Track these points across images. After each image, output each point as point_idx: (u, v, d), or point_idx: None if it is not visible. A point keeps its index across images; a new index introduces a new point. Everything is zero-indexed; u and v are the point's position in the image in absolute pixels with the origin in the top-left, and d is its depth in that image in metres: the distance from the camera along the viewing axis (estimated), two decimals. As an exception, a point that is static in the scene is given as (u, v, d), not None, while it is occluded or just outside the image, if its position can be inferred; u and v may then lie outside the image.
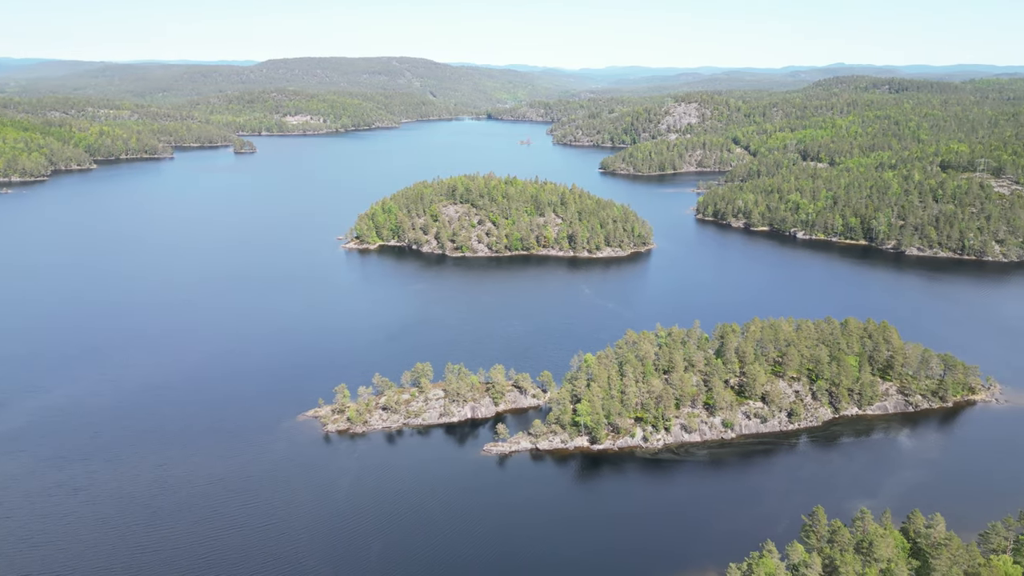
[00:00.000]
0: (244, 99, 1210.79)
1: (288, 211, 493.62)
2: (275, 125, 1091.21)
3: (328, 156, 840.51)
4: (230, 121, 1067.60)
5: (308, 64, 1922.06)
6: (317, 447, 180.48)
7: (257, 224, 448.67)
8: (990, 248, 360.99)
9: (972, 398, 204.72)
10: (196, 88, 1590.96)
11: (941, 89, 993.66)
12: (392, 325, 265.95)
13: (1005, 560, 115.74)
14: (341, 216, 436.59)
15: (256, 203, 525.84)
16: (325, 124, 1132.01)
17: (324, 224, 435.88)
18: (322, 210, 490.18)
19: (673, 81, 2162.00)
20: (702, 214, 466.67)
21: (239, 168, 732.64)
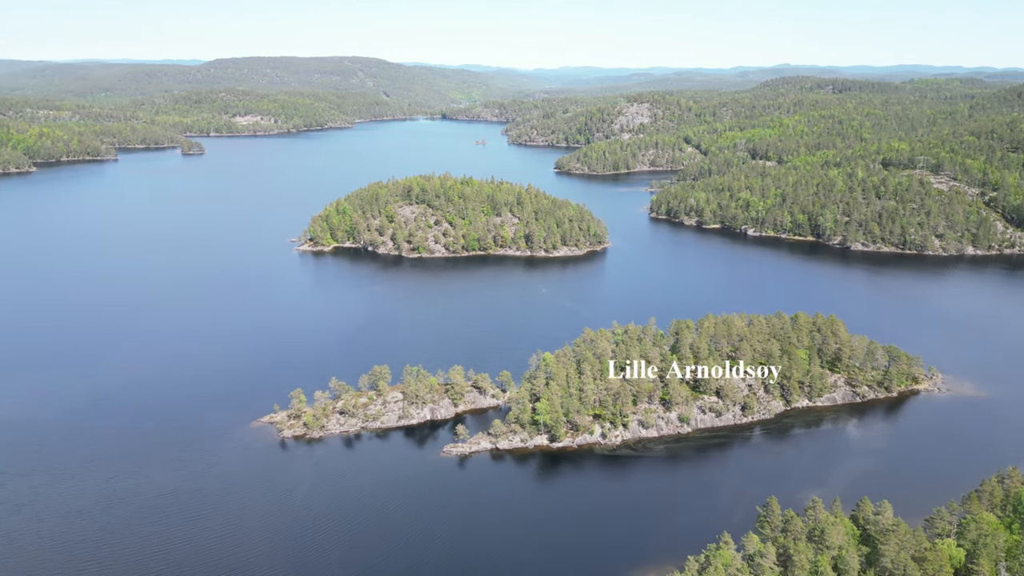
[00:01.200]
0: (191, 99, 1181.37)
1: (239, 213, 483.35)
2: (224, 126, 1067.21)
3: (280, 157, 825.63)
4: (177, 122, 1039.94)
5: (258, 64, 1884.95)
6: (273, 454, 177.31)
7: (207, 226, 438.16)
8: (930, 242, 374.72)
9: (916, 388, 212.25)
10: (140, 88, 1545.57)
11: (882, 89, 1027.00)
12: (349, 328, 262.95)
13: (949, 544, 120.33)
14: (294, 218, 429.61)
15: (206, 205, 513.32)
16: (276, 124, 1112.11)
17: (277, 226, 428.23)
18: (275, 212, 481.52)
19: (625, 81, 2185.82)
20: (656, 213, 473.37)
21: (187, 170, 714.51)
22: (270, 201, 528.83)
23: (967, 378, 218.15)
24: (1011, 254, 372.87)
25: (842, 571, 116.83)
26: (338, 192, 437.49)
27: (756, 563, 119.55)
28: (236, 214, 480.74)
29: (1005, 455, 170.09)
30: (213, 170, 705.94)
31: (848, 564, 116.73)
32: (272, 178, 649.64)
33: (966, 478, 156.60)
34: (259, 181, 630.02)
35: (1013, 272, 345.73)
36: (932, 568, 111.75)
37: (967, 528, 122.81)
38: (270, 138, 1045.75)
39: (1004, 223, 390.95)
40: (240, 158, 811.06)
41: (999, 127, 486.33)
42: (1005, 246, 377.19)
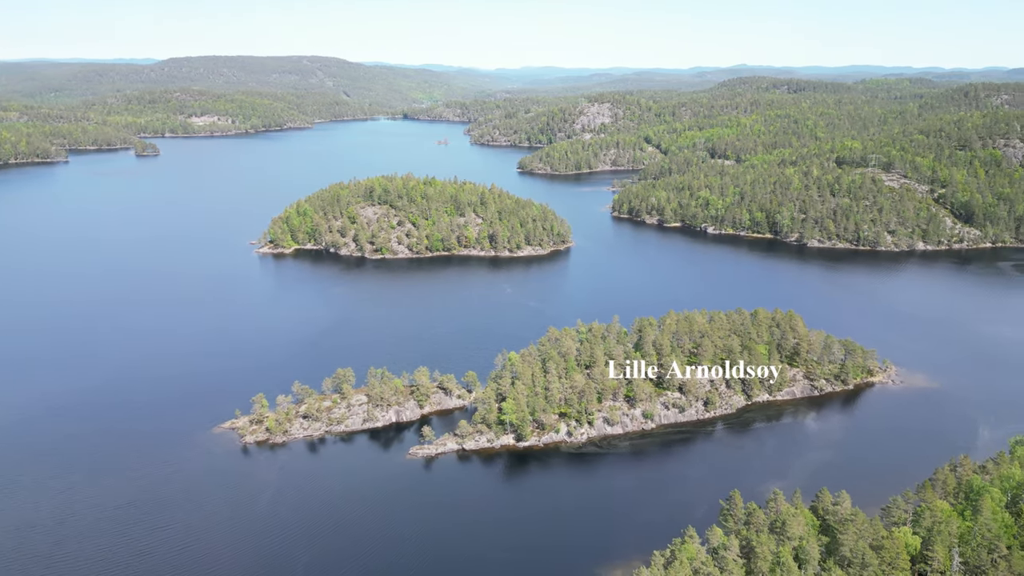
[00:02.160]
0: (145, 99, 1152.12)
1: (197, 215, 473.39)
2: (180, 126, 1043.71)
3: (238, 158, 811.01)
4: (130, 122, 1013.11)
5: (214, 63, 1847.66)
6: (235, 460, 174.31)
7: (163, 229, 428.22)
8: (883, 239, 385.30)
9: (871, 380, 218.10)
10: (91, 88, 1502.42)
11: (835, 89, 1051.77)
12: (311, 331, 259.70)
13: (905, 532, 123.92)
14: (254, 219, 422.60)
15: (162, 207, 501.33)
16: (234, 125, 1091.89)
17: (236, 228, 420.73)
18: (233, 214, 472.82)
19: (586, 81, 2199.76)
20: (618, 212, 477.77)
21: (142, 171, 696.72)
22: (229, 203, 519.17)
23: (919, 370, 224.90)
24: (960, 249, 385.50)
25: (803, 561, 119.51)
26: (298, 193, 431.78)
27: (720, 556, 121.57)
28: (194, 216, 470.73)
29: (956, 444, 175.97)
30: (169, 171, 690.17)
31: (809, 554, 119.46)
32: (230, 179, 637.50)
33: (920, 467, 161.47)
34: (217, 182, 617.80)
35: (962, 267, 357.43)
36: (889, 556, 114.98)
37: (922, 516, 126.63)
38: (228, 139, 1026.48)
39: (953, 219, 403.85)
40: (197, 159, 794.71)
41: (947, 126, 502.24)
42: (954, 241, 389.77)
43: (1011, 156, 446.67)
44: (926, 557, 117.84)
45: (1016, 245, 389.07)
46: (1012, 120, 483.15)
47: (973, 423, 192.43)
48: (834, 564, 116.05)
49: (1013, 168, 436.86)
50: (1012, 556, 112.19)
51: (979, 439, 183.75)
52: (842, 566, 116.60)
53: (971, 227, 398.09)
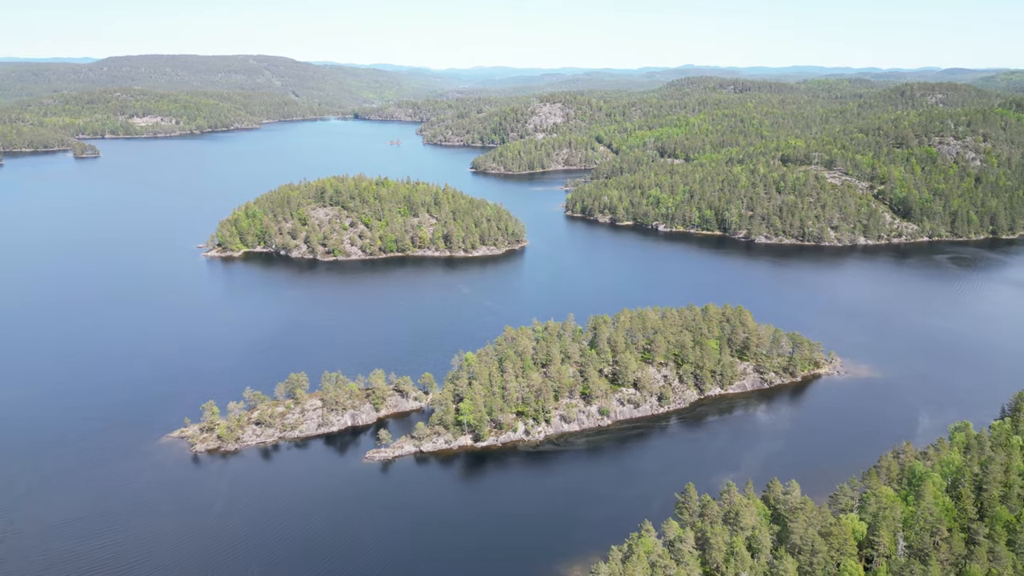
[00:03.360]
0: (83, 99, 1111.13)
1: (141, 218, 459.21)
2: (121, 127, 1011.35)
3: (183, 159, 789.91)
4: (68, 123, 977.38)
5: (156, 62, 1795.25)
6: (185, 470, 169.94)
7: (105, 233, 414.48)
8: (826, 234, 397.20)
9: (817, 372, 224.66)
10: (26, 88, 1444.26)
11: (778, 89, 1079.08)
12: (262, 336, 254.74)
13: (852, 518, 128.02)
14: (201, 223, 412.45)
15: (103, 211, 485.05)
16: (178, 126, 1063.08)
17: (182, 232, 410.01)
18: (179, 216, 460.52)
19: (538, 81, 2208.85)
20: (571, 211, 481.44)
21: (81, 174, 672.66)
22: (174, 205, 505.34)
23: (863, 361, 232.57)
24: (898, 243, 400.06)
25: (756, 550, 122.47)
26: (247, 195, 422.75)
27: (676, 548, 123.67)
28: (137, 219, 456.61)
29: (899, 431, 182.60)
30: (110, 174, 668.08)
31: (761, 543, 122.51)
32: (175, 181, 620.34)
33: (865, 455, 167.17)
34: (161, 185, 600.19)
35: (901, 260, 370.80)
36: (837, 542, 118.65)
37: (868, 502, 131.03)
38: (172, 140, 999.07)
39: (891, 214, 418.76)
40: (140, 161, 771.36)
41: (885, 124, 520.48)
42: (893, 236, 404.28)
43: (945, 153, 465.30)
44: (872, 542, 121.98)
45: (951, 239, 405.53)
46: (946, 118, 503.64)
47: (914, 411, 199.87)
48: (785, 552, 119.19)
49: (947, 165, 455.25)
50: (953, 539, 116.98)
51: (920, 426, 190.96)
52: (793, 554, 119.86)
53: (909, 222, 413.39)
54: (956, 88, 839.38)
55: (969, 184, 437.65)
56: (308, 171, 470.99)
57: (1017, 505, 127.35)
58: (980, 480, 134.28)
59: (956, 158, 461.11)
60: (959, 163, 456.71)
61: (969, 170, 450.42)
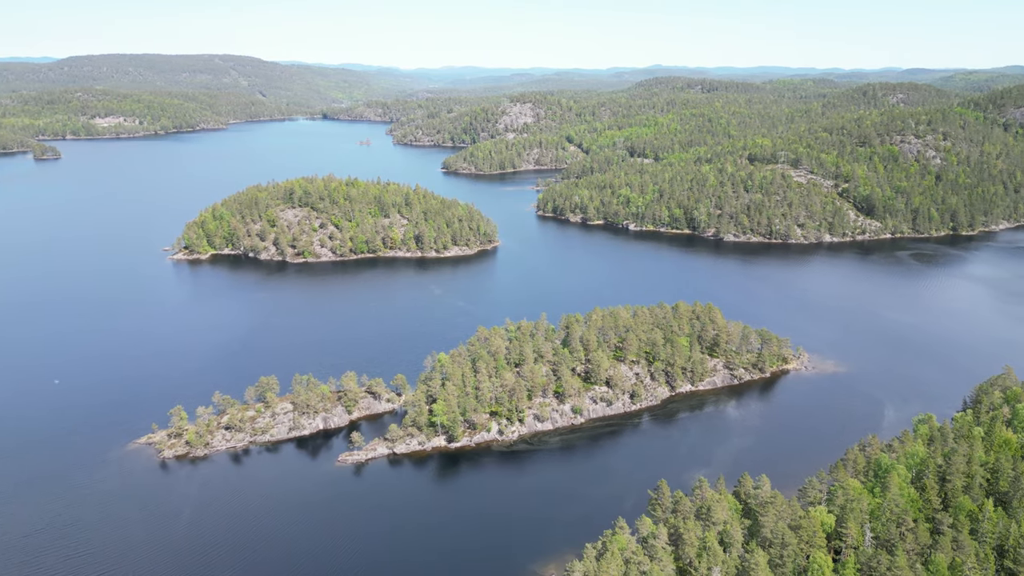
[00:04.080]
0: (43, 100, 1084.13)
1: (104, 221, 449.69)
2: (82, 128, 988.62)
3: (147, 161, 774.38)
4: (27, 124, 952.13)
5: (118, 61, 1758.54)
6: (153, 476, 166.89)
7: (68, 236, 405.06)
8: (793, 232, 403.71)
9: (786, 368, 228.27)
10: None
11: (745, 89, 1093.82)
12: (231, 339, 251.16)
13: (820, 510, 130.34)
14: (166, 225, 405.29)
15: (65, 214, 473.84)
16: (142, 126, 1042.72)
17: (147, 235, 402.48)
18: (144, 220, 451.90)
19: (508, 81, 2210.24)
20: (542, 210, 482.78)
21: (42, 176, 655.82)
22: (138, 208, 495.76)
23: (830, 356, 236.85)
24: (863, 240, 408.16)
25: (727, 545, 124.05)
26: (214, 197, 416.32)
27: (650, 544, 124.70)
28: (101, 222, 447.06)
29: (865, 425, 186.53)
30: (72, 175, 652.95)
31: (733, 538, 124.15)
32: (140, 183, 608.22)
33: (833, 448, 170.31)
34: (125, 187, 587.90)
35: (865, 257, 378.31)
36: (807, 535, 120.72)
37: (835, 495, 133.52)
38: (135, 141, 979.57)
39: (855, 212, 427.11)
40: (102, 162, 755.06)
41: (848, 124, 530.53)
42: (857, 233, 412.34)
43: (907, 152, 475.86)
44: (840, 534, 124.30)
45: (913, 236, 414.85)
46: (907, 118, 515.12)
47: (880, 404, 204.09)
48: (756, 545, 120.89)
49: (908, 163, 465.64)
50: (918, 529, 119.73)
51: (885, 419, 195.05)
52: (764, 547, 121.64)
53: (872, 219, 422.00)
54: (916, 88, 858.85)
55: (930, 182, 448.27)
56: (276, 172, 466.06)
57: (979, 495, 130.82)
58: (944, 471, 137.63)
59: (917, 156, 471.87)
60: (920, 161, 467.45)
61: (930, 168, 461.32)
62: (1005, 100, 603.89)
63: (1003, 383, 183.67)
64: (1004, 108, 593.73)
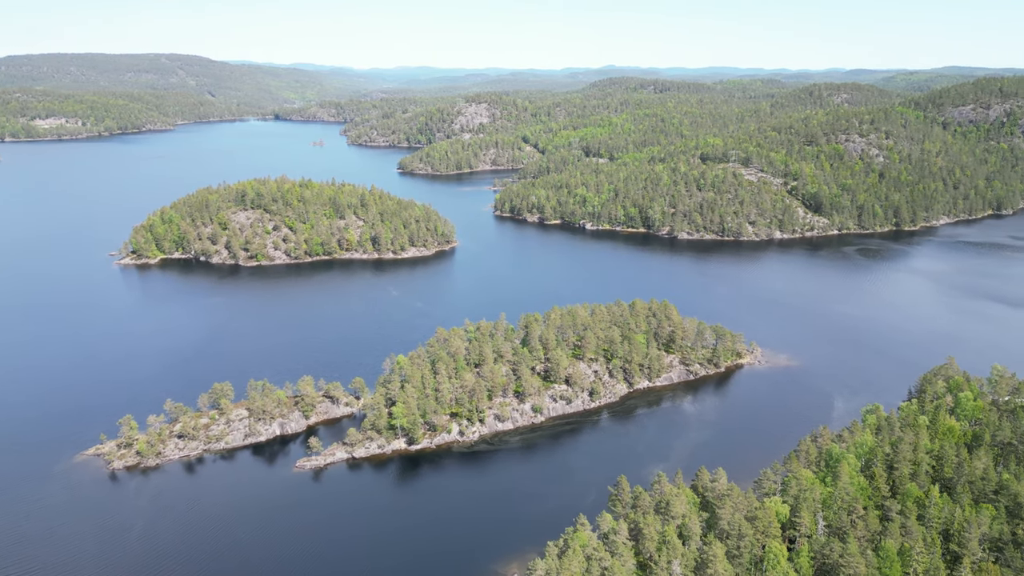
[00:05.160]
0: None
1: (47, 226, 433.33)
2: (21, 130, 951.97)
3: (91, 163, 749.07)
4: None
5: (58, 61, 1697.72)
6: (102, 489, 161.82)
7: (8, 243, 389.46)
8: (744, 229, 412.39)
9: (739, 362, 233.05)
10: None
11: (697, 89, 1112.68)
12: (183, 346, 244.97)
13: (775, 501, 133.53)
14: (113, 229, 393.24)
15: (5, 219, 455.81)
16: (85, 128, 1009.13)
17: (92, 239, 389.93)
18: (89, 223, 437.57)
19: (463, 82, 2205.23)
20: (500, 211, 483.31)
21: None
22: (82, 212, 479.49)
23: (782, 350, 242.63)
24: (811, 236, 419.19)
25: (686, 537, 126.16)
26: (162, 199, 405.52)
27: (611, 540, 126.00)
28: (43, 226, 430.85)
29: (816, 416, 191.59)
30: (11, 179, 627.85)
31: (691, 531, 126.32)
32: (84, 186, 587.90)
33: (786, 440, 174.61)
34: (68, 190, 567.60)
35: (814, 253, 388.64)
36: (762, 525, 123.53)
37: (789, 485, 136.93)
38: (79, 142, 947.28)
39: (804, 209, 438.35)
40: (44, 165, 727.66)
41: (796, 123, 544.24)
42: (806, 230, 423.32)
43: (851, 150, 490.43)
44: (794, 523, 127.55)
45: (859, 232, 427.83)
46: (851, 117, 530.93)
47: (830, 396, 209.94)
48: (714, 537, 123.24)
49: (853, 161, 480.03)
50: (868, 516, 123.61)
51: (835, 411, 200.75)
52: (721, 539, 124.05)
53: (820, 216, 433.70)
54: (860, 88, 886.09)
55: (874, 179, 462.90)
56: (228, 174, 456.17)
57: (925, 482, 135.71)
58: (891, 459, 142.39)
59: (861, 155, 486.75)
60: (864, 159, 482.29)
61: (873, 166, 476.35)
62: (944, 100, 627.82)
63: (946, 373, 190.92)
64: (943, 107, 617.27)
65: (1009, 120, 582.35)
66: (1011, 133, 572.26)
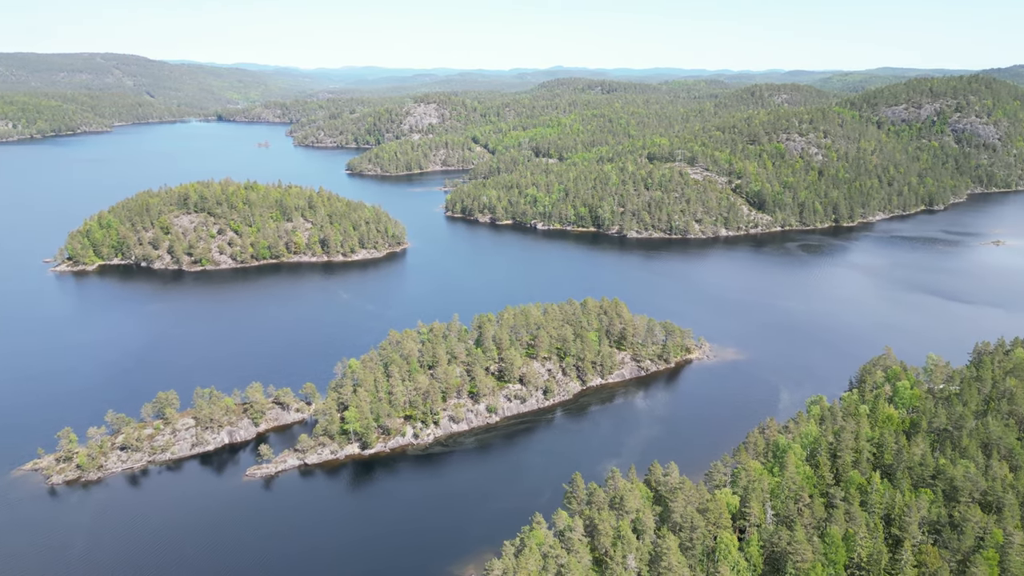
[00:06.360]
0: None
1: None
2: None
3: (23, 166, 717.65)
4: None
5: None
6: (41, 505, 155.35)
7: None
8: (691, 227, 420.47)
9: (689, 357, 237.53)
10: None
11: (643, 90, 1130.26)
12: (124, 355, 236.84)
13: (726, 492, 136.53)
14: (47, 235, 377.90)
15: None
16: (15, 130, 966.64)
17: (25, 246, 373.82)
18: (22, 229, 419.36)
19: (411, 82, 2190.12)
20: (451, 211, 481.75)
21: None
22: (15, 216, 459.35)
23: (729, 345, 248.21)
24: (755, 233, 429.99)
25: (640, 532, 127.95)
26: (100, 203, 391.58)
27: (566, 537, 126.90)
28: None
29: (763, 408, 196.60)
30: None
31: (645, 524, 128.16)
32: (15, 191, 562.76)
33: (735, 432, 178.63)
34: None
35: (758, 249, 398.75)
36: (714, 516, 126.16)
37: (739, 476, 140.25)
38: (8, 145, 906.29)
39: (748, 207, 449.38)
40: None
41: (739, 123, 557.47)
42: (750, 227, 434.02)
43: (792, 149, 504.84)
44: (744, 513, 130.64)
45: (800, 228, 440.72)
46: (791, 117, 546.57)
47: (776, 389, 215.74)
48: (667, 530, 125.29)
49: (794, 159, 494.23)
50: (814, 503, 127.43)
51: (781, 402, 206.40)
52: (675, 531, 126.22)
53: (763, 213, 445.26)
54: (799, 89, 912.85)
55: (813, 177, 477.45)
56: (169, 176, 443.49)
57: (867, 469, 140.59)
58: (834, 448, 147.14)
59: (801, 153, 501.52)
60: (804, 158, 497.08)
61: (813, 164, 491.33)
62: (878, 100, 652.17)
63: (884, 363, 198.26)
64: (877, 107, 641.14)
65: (939, 119, 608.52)
66: (941, 132, 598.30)
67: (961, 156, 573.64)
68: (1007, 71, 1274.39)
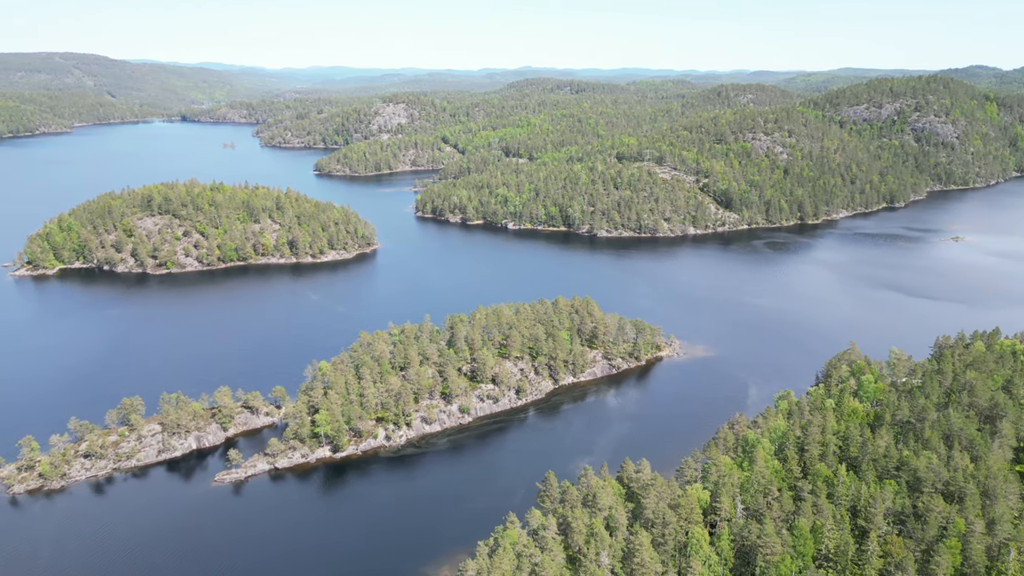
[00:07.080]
0: None
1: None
2: None
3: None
4: None
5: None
6: (3, 515, 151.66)
7: None
8: (660, 226, 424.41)
9: (659, 355, 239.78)
10: None
11: (611, 90, 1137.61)
12: (86, 361, 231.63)
13: (697, 488, 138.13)
14: (5, 239, 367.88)
15: None
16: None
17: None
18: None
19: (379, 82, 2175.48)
20: (422, 211, 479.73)
21: None
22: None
23: (698, 342, 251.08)
24: (723, 232, 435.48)
25: (613, 528, 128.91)
26: (60, 206, 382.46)
27: (540, 536, 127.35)
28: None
29: (733, 404, 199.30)
30: None
31: (618, 521, 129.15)
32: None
33: (705, 428, 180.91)
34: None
35: (726, 247, 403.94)
36: (685, 512, 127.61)
37: (709, 472, 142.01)
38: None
39: (716, 205, 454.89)
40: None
41: (706, 123, 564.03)
42: (718, 225, 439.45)
43: (758, 148, 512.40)
44: (715, 508, 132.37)
45: (767, 226, 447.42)
46: (757, 117, 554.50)
47: (744, 384, 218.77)
48: (640, 527, 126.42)
49: (760, 158, 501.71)
50: (782, 497, 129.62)
51: (750, 398, 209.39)
52: (647, 527, 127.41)
53: (731, 212, 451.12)
54: (764, 89, 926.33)
55: (779, 175, 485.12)
56: (132, 178, 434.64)
57: (833, 461, 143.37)
58: (802, 442, 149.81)
59: (767, 152, 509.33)
60: (769, 157, 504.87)
61: (778, 163, 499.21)
62: (840, 100, 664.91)
63: (849, 358, 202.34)
64: (839, 107, 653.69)
65: (899, 118, 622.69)
66: (901, 131, 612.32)
67: (920, 154, 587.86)
68: (964, 71, 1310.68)
